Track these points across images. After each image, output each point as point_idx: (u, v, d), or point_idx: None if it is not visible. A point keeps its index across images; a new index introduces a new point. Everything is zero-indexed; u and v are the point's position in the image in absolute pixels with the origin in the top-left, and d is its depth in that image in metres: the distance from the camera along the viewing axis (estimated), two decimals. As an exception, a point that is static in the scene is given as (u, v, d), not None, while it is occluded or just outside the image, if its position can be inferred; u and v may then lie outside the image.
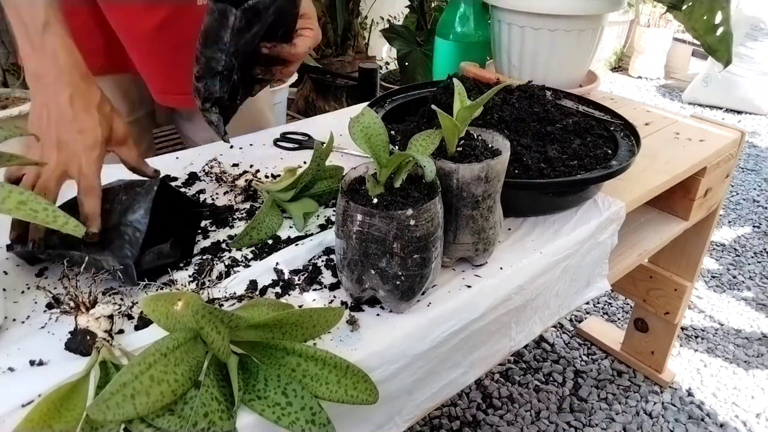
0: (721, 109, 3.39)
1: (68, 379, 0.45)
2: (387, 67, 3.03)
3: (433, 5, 2.53)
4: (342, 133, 0.89)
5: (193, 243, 0.67)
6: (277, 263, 0.64)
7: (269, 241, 0.70)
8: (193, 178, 0.83)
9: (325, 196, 0.78)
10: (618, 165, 0.75)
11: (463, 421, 1.33)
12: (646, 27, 3.90)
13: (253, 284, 0.61)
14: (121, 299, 0.56)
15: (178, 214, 0.67)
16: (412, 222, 0.52)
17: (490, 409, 1.36)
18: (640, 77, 3.98)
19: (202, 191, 0.80)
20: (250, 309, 0.53)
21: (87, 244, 0.59)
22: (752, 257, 2.00)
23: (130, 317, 0.55)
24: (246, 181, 0.79)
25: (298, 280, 0.63)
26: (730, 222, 2.22)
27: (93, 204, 0.59)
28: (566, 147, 0.79)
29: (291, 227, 0.73)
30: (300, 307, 0.58)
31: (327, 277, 0.64)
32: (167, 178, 0.83)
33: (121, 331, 0.54)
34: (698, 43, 1.11)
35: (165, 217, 0.62)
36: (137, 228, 0.58)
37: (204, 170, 0.85)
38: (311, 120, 1.11)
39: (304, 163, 0.89)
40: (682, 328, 1.64)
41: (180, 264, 0.64)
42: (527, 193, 0.75)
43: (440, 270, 0.62)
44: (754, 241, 2.09)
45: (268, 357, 0.50)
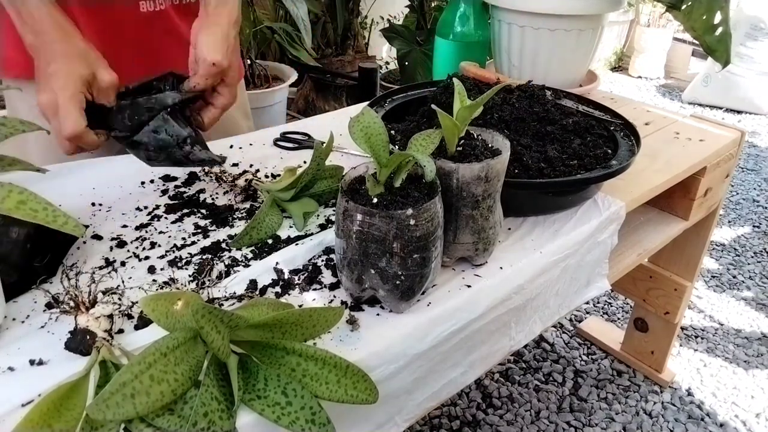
0: (721, 108, 3.39)
1: (68, 379, 0.45)
2: (387, 67, 3.03)
3: (433, 5, 2.53)
4: (342, 132, 0.89)
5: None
6: (277, 263, 0.64)
7: (269, 241, 0.70)
8: (193, 177, 0.83)
9: (325, 196, 0.78)
10: (618, 165, 0.75)
11: (463, 420, 1.33)
12: (646, 27, 3.90)
13: (252, 284, 0.61)
14: (120, 299, 0.56)
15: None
16: (412, 222, 0.52)
17: (490, 408, 1.36)
18: (640, 77, 3.98)
19: (202, 191, 0.80)
20: (250, 309, 0.53)
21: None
22: (752, 257, 2.00)
23: (129, 317, 0.55)
24: (246, 180, 0.79)
25: (298, 279, 0.63)
26: (730, 222, 2.23)
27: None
28: (566, 147, 0.79)
29: (291, 227, 0.73)
30: (300, 306, 0.58)
31: (327, 277, 0.64)
32: (167, 178, 0.83)
33: (120, 331, 0.54)
34: (698, 42, 1.11)
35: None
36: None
37: (204, 170, 0.85)
38: (311, 120, 1.11)
39: (304, 162, 0.89)
40: (682, 328, 1.64)
41: None
42: (527, 193, 0.75)
43: (440, 270, 0.62)
44: (754, 241, 2.10)
45: (268, 357, 0.50)
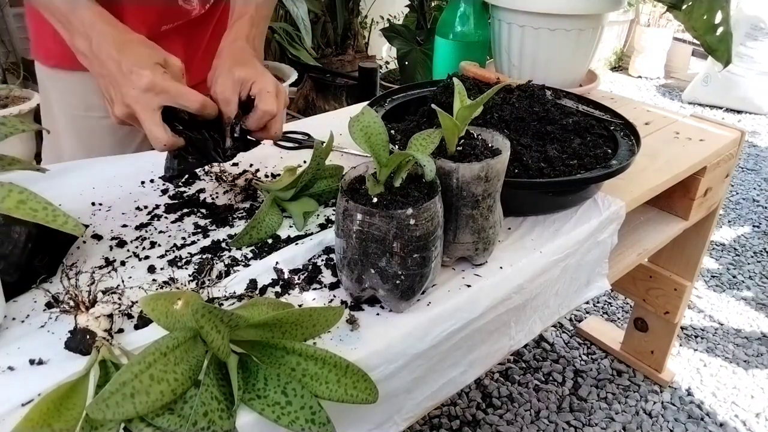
0: (721, 108, 3.39)
1: (68, 378, 0.45)
2: (387, 67, 3.03)
3: (433, 4, 2.53)
4: (342, 132, 0.89)
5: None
6: (277, 262, 0.64)
7: (269, 241, 0.70)
8: (192, 177, 0.83)
9: (325, 196, 0.78)
10: (618, 164, 0.75)
11: (462, 420, 1.33)
12: (646, 26, 3.90)
13: (252, 283, 0.61)
14: (120, 298, 0.56)
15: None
16: (412, 221, 0.52)
17: (490, 408, 1.36)
18: (640, 77, 3.98)
19: (202, 190, 0.80)
20: (250, 308, 0.53)
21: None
22: (752, 257, 2.00)
23: (129, 316, 0.55)
24: (246, 180, 0.79)
25: (298, 279, 0.63)
26: (729, 221, 2.23)
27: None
28: (566, 146, 0.79)
29: (291, 226, 0.73)
30: (300, 306, 0.58)
31: (327, 277, 0.64)
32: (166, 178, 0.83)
33: (120, 330, 0.54)
34: (698, 42, 1.11)
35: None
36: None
37: (204, 169, 0.85)
38: (311, 119, 1.11)
39: (304, 162, 0.89)
40: (682, 328, 1.64)
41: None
42: (527, 193, 0.75)
43: (440, 269, 0.62)
44: (754, 241, 2.10)
45: (267, 356, 0.50)
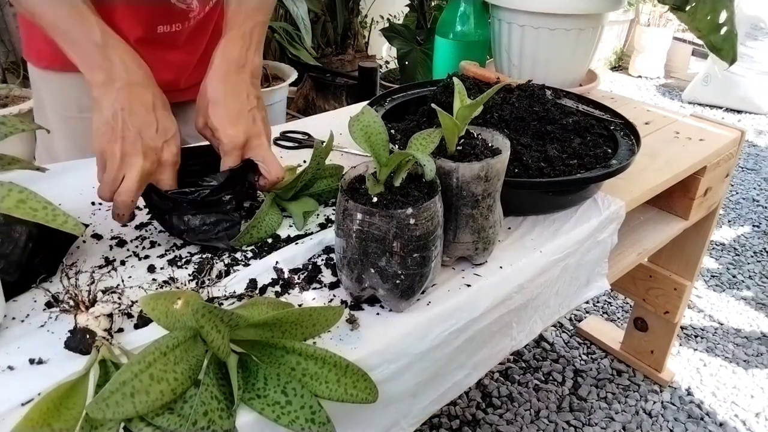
0: (720, 108, 3.39)
1: (68, 378, 0.45)
2: (387, 66, 3.03)
3: (433, 4, 2.53)
4: (342, 132, 0.89)
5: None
6: (277, 262, 0.64)
7: (269, 240, 0.70)
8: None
9: (325, 195, 0.78)
10: (618, 164, 0.75)
11: (462, 420, 1.33)
12: (646, 26, 3.90)
13: (252, 283, 0.61)
14: (120, 298, 0.56)
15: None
16: (412, 221, 0.52)
17: (490, 408, 1.36)
18: (640, 76, 3.98)
19: (201, 190, 0.80)
20: (250, 308, 0.53)
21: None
22: (752, 256, 2.00)
23: (129, 316, 0.55)
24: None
25: (298, 279, 0.63)
26: (729, 221, 2.23)
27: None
28: (566, 146, 0.79)
29: (291, 226, 0.73)
30: (300, 306, 0.58)
31: (327, 276, 0.64)
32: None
33: (120, 330, 0.54)
34: (699, 42, 1.11)
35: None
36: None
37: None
38: (311, 119, 1.11)
39: (304, 161, 0.89)
40: (682, 328, 1.64)
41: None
42: (527, 192, 0.75)
43: (440, 269, 0.62)
44: (754, 241, 2.10)
45: (267, 356, 0.50)
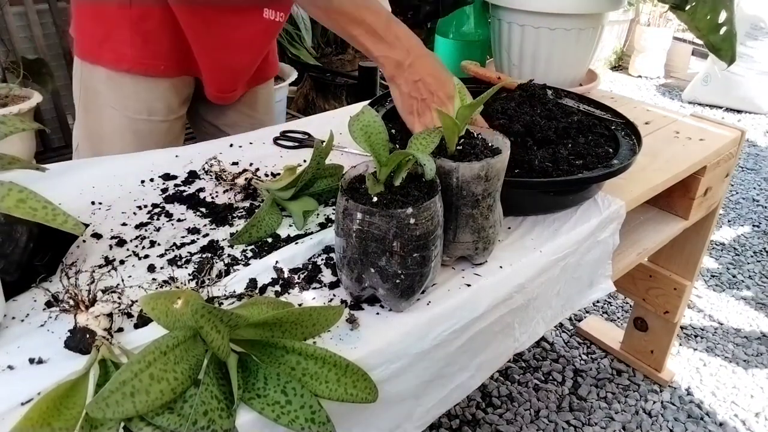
0: (721, 108, 3.39)
1: (68, 378, 0.45)
2: (387, 66, 3.02)
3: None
4: (342, 131, 0.89)
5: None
6: (277, 262, 0.64)
7: (269, 240, 0.70)
8: (192, 176, 0.83)
9: (325, 195, 0.78)
10: (619, 164, 0.75)
11: (462, 419, 1.33)
12: (646, 26, 3.90)
13: (252, 283, 0.61)
14: (119, 297, 0.56)
15: None
16: (412, 220, 0.52)
17: (490, 407, 1.36)
18: (640, 76, 3.98)
19: (201, 189, 0.80)
20: (250, 307, 0.53)
21: None
22: (752, 256, 2.00)
23: (129, 315, 0.55)
24: (246, 179, 0.79)
25: (298, 278, 0.63)
26: (729, 221, 2.23)
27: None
28: (567, 146, 0.79)
29: (291, 226, 0.73)
30: (299, 305, 0.58)
31: (327, 276, 0.64)
32: (166, 177, 0.83)
33: (120, 330, 0.54)
34: (698, 42, 1.11)
35: None
36: None
37: (204, 168, 0.85)
38: (311, 118, 1.11)
39: (304, 161, 0.89)
40: (682, 327, 1.64)
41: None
42: (527, 192, 0.75)
43: (440, 269, 0.62)
44: (754, 240, 2.10)
45: (267, 355, 0.50)
